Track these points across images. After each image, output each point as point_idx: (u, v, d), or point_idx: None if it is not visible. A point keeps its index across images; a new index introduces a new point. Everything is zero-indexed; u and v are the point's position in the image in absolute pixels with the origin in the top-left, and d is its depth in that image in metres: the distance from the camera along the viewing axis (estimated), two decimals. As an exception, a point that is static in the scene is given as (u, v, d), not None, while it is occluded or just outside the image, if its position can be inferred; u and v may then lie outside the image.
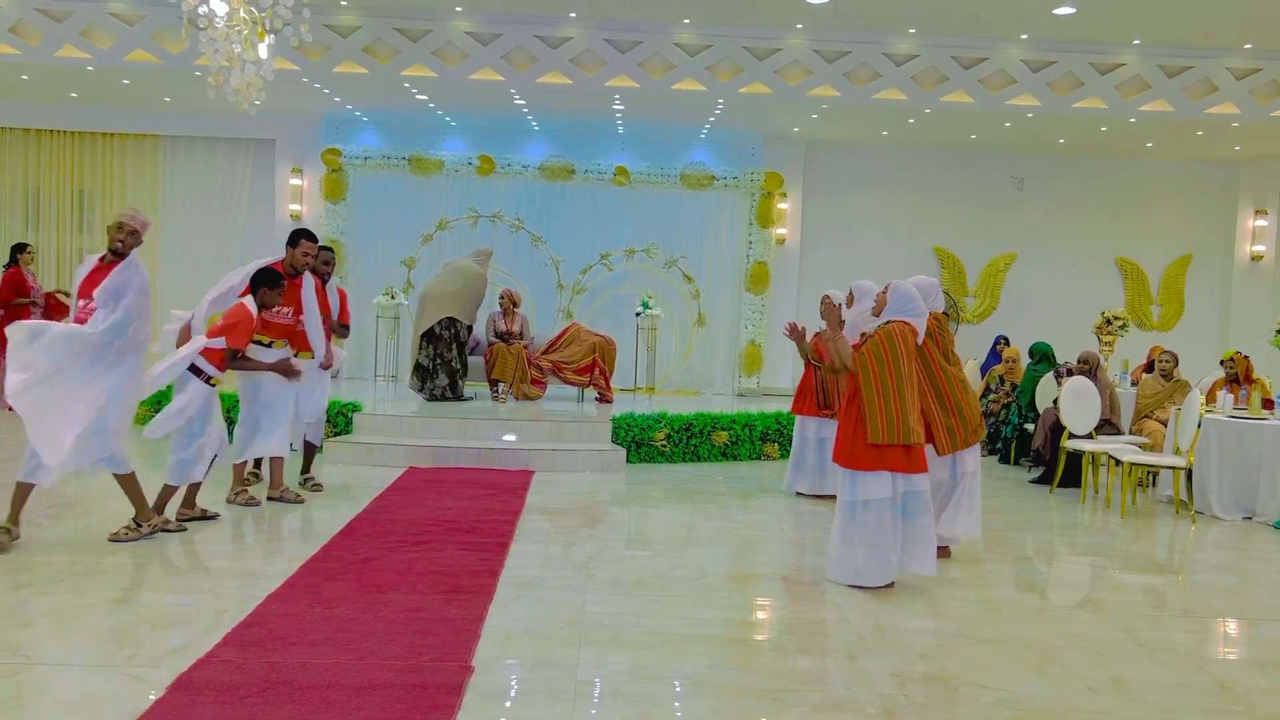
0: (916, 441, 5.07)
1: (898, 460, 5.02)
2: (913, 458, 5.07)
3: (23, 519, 5.36)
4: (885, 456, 5.01)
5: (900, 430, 4.98)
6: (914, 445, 5.06)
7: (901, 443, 4.99)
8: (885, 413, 4.99)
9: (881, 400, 5.00)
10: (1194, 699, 3.87)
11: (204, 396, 5.76)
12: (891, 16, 9.67)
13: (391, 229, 12.39)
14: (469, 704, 3.51)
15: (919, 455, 5.12)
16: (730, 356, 12.83)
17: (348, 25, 10.01)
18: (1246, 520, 7.48)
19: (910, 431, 5.01)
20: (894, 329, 5.11)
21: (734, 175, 12.39)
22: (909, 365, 5.11)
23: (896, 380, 5.03)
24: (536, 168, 12.25)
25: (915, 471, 5.09)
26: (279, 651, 3.89)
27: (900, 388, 5.03)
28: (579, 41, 10.16)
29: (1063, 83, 10.42)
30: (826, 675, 3.97)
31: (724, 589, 5.29)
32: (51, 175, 12.45)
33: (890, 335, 5.09)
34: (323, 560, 5.27)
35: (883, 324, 5.23)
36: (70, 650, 3.87)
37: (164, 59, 9.97)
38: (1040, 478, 8.78)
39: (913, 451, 5.07)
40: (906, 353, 5.10)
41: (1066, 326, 12.20)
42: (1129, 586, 5.66)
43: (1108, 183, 13.09)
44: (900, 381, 5.04)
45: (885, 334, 5.11)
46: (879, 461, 5.01)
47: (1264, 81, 10.30)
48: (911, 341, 5.16)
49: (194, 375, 5.75)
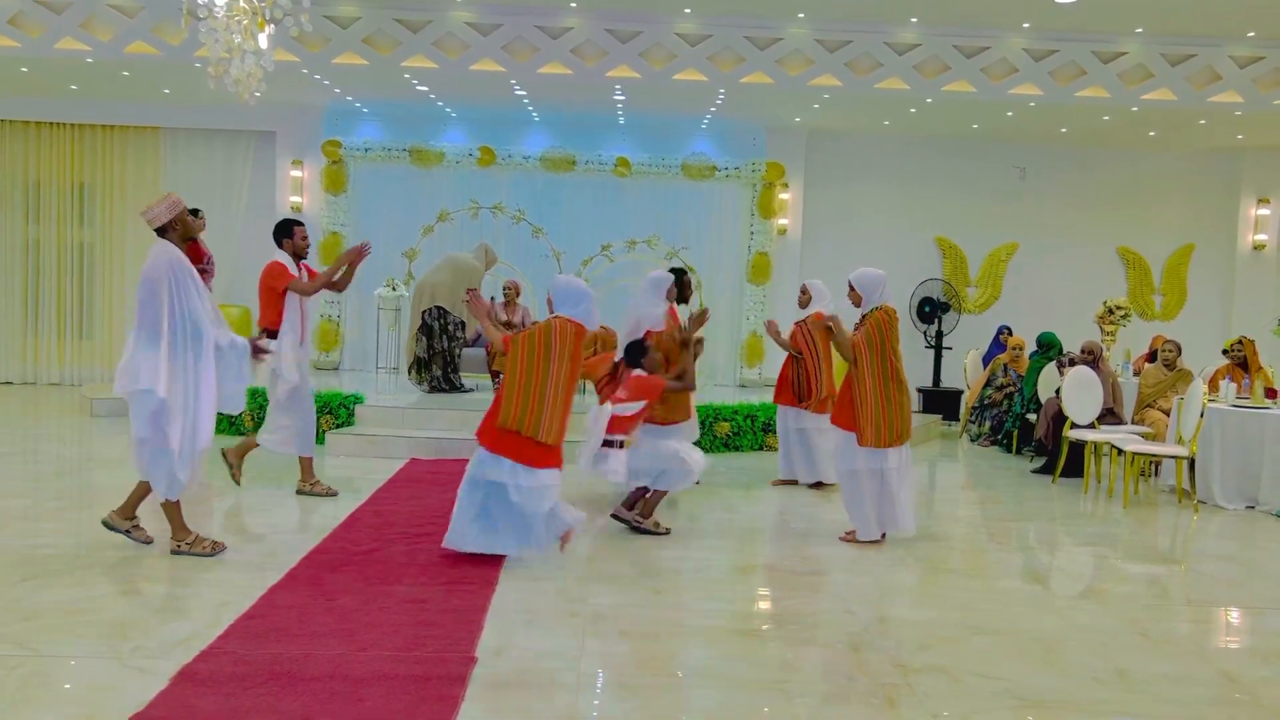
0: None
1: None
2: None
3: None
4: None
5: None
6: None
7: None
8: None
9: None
10: (1197, 689, 3.87)
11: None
12: (893, 6, 9.63)
13: (392, 221, 12.37)
14: (472, 695, 3.52)
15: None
16: (732, 347, 12.82)
17: (348, 16, 9.98)
18: (1249, 509, 7.48)
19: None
20: (880, 316, 5.71)
21: (735, 166, 12.36)
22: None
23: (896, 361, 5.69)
24: (537, 159, 12.22)
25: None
26: (282, 643, 3.90)
27: (898, 369, 5.67)
28: (580, 32, 10.13)
29: (1065, 72, 10.39)
30: (830, 666, 3.97)
31: (727, 580, 5.30)
32: (52, 168, 12.42)
33: (879, 322, 5.68)
34: (325, 552, 5.27)
35: (873, 311, 5.76)
36: (74, 642, 3.87)
37: (164, 50, 9.94)
38: (1043, 468, 8.78)
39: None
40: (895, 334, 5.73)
41: (1069, 316, 12.18)
42: (1132, 576, 5.66)
43: (1110, 172, 13.06)
44: (898, 362, 5.69)
45: (874, 321, 5.66)
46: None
47: (1267, 70, 10.26)
48: (894, 324, 5.76)
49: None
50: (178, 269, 4.87)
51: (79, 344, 12.56)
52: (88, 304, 12.54)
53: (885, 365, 5.71)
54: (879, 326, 5.72)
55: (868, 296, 5.83)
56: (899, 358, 5.78)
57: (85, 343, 12.56)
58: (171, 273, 4.85)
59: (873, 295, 5.82)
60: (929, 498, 8.10)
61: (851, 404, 5.76)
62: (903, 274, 12.64)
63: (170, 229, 4.97)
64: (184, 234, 5.03)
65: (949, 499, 8.12)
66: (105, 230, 12.47)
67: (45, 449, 8.55)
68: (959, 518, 7.21)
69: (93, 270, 12.51)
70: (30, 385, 12.34)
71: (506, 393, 5.00)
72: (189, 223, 5.07)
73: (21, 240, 12.42)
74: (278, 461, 7.30)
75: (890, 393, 5.71)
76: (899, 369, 5.73)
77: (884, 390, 5.70)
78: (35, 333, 12.49)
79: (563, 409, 5.06)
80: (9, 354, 12.47)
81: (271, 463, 7.32)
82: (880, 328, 5.72)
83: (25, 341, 12.49)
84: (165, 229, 4.95)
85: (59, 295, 12.45)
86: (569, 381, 5.08)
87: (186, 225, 5.04)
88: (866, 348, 5.71)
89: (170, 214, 4.96)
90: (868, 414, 5.69)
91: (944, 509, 7.60)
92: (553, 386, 4.99)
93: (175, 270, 4.86)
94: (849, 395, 5.79)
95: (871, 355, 5.71)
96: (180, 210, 5.01)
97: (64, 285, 12.47)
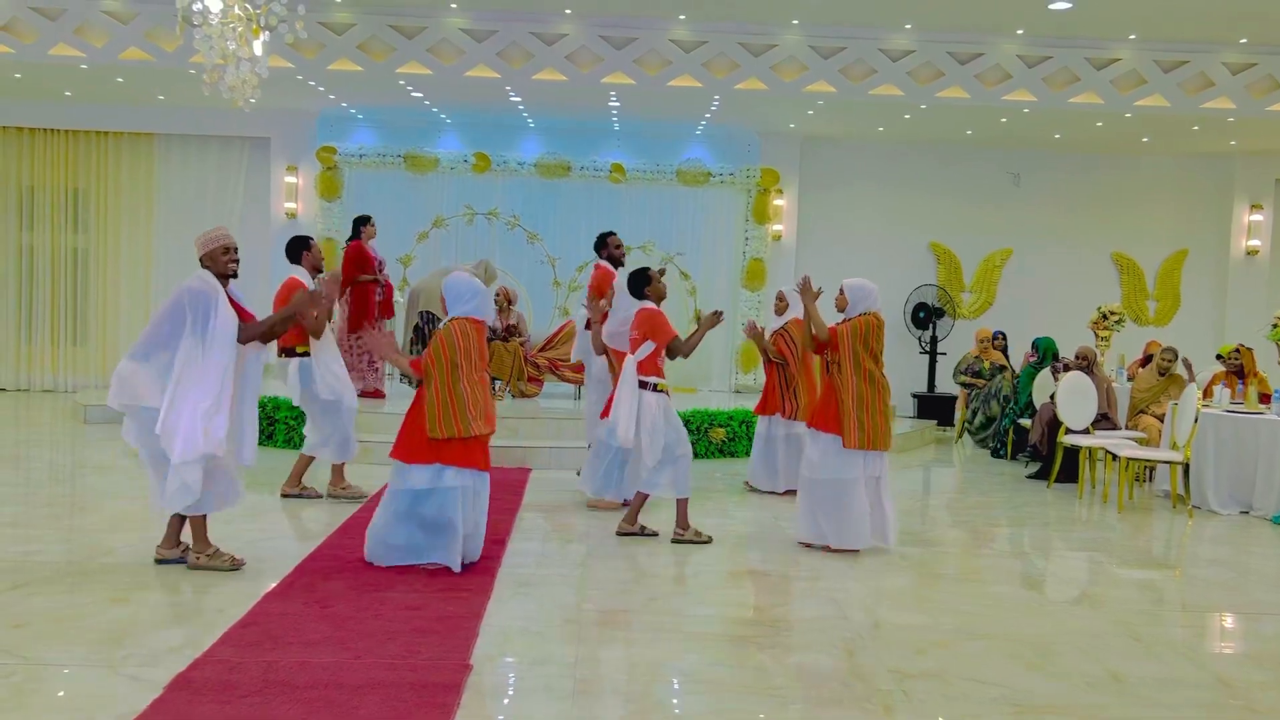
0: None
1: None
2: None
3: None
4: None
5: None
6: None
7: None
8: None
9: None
10: (1192, 694, 3.87)
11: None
12: (887, 12, 9.65)
13: (387, 227, 12.29)
14: (467, 702, 3.51)
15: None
16: (727, 353, 12.81)
17: (342, 22, 9.98)
18: (1244, 514, 7.49)
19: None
20: (870, 320, 5.82)
21: (730, 172, 12.38)
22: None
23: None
24: (532, 165, 12.23)
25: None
26: (277, 650, 3.88)
27: (879, 375, 5.84)
28: (574, 38, 10.14)
29: (1058, 78, 10.42)
30: (825, 672, 3.97)
31: (722, 586, 5.30)
32: (46, 174, 12.38)
33: (867, 324, 5.81)
34: (320, 559, 5.26)
35: (857, 316, 5.87)
36: (67, 650, 3.86)
37: (158, 57, 9.93)
38: (1037, 473, 8.79)
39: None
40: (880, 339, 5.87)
41: (1063, 322, 12.19)
42: (1126, 581, 5.66)
43: (1104, 178, 13.09)
44: (879, 368, 5.86)
45: (863, 323, 5.79)
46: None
47: (1260, 76, 10.30)
48: (882, 330, 5.89)
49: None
50: (207, 295, 4.81)
51: (72, 350, 12.51)
52: (81, 310, 12.49)
53: (869, 369, 5.80)
54: (866, 327, 5.81)
55: (854, 303, 5.92)
56: (881, 365, 5.87)
57: (79, 349, 12.52)
58: (199, 299, 4.79)
59: (860, 304, 5.92)
60: (923, 503, 8.10)
61: (834, 407, 5.81)
62: (897, 280, 12.67)
63: (207, 261, 4.93)
64: (218, 270, 4.94)
65: (943, 504, 8.12)
66: (99, 236, 12.43)
67: (37, 455, 8.53)
68: (953, 523, 7.21)
69: (86, 276, 12.46)
70: (23, 392, 12.30)
71: (429, 407, 5.01)
72: (219, 260, 4.95)
73: (15, 246, 12.38)
74: (275, 467, 7.29)
75: (869, 397, 5.77)
76: (880, 375, 5.83)
77: (867, 393, 5.77)
78: (29, 339, 12.44)
79: (484, 399, 5.14)
80: (2, 360, 12.41)
81: (264, 469, 7.28)
82: (868, 329, 5.81)
83: (18, 348, 12.44)
84: (203, 260, 4.94)
85: (53, 301, 12.40)
86: (480, 375, 5.16)
87: (216, 261, 4.94)
88: (850, 340, 5.79)
89: (205, 248, 4.93)
90: (850, 415, 5.75)
91: (938, 514, 7.61)
92: (466, 384, 5.05)
93: (204, 296, 4.80)
94: (832, 399, 5.85)
95: (854, 350, 5.78)
96: (211, 247, 4.94)
97: (58, 291, 12.41)
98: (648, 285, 6.06)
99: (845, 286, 5.94)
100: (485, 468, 5.15)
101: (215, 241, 4.95)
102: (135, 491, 6.96)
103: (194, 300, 4.80)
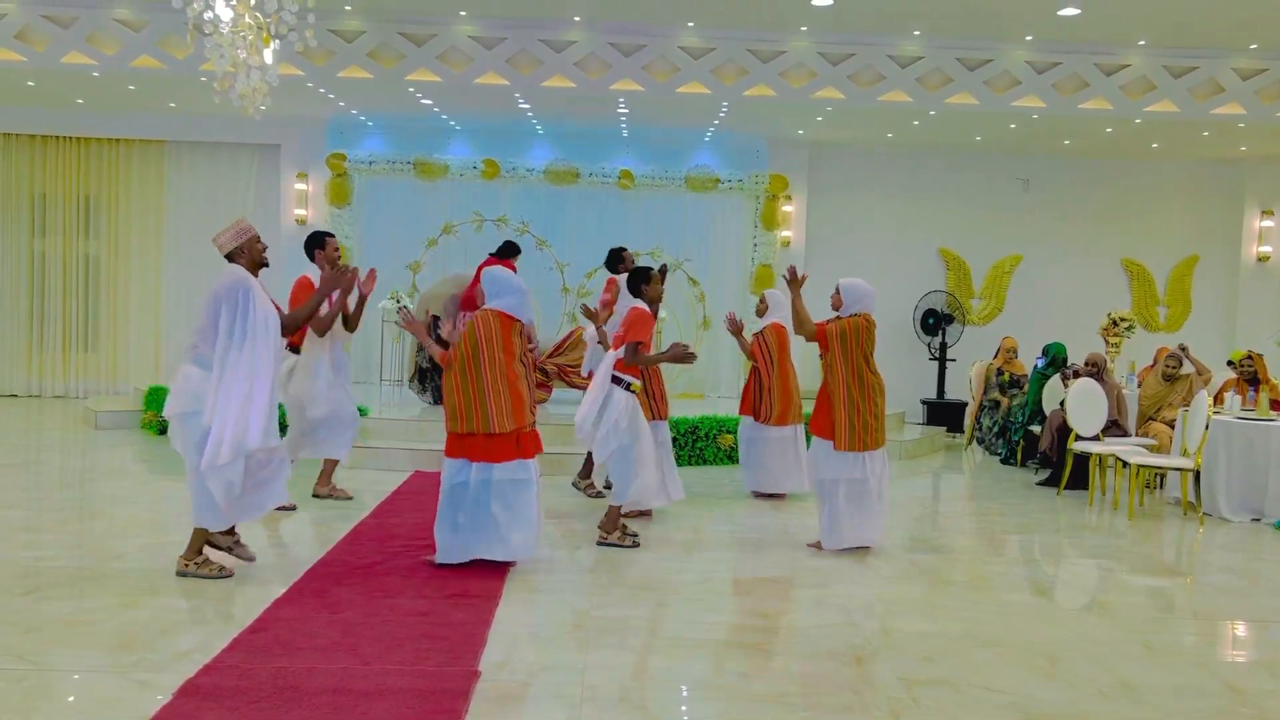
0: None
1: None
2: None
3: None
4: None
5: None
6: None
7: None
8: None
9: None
10: (1203, 702, 3.85)
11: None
12: (896, 18, 9.65)
13: (397, 233, 12.39)
14: (476, 709, 3.51)
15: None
16: (736, 359, 12.79)
17: (352, 30, 10.02)
18: (1255, 522, 7.45)
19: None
20: (860, 321, 5.80)
21: (738, 178, 12.38)
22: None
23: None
24: (541, 171, 12.25)
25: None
26: (286, 656, 3.89)
27: (870, 375, 5.82)
28: (583, 45, 10.17)
29: (1068, 84, 10.40)
30: (833, 679, 3.96)
31: (730, 592, 5.29)
32: (58, 181, 12.46)
33: (857, 325, 5.78)
34: (329, 565, 5.27)
35: (849, 316, 5.85)
36: (77, 656, 3.87)
37: (169, 65, 9.98)
38: (1047, 480, 8.76)
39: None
40: (870, 341, 5.85)
41: (1073, 328, 12.16)
42: (1137, 589, 5.64)
43: (1113, 184, 13.06)
44: (871, 368, 5.85)
45: (852, 324, 5.78)
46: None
47: (1270, 81, 10.27)
48: (872, 331, 5.87)
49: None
50: (241, 290, 4.74)
51: (84, 357, 12.57)
52: (92, 317, 12.56)
53: (859, 370, 5.81)
54: (856, 329, 5.82)
55: (849, 303, 5.92)
56: (873, 365, 5.89)
57: (90, 355, 12.58)
58: (234, 294, 4.73)
59: (854, 304, 5.92)
60: (933, 509, 8.09)
61: (827, 411, 5.86)
62: (906, 286, 12.65)
63: (238, 255, 4.87)
64: (252, 260, 4.90)
65: (953, 511, 8.10)
66: (110, 243, 12.50)
67: (48, 461, 8.57)
68: (963, 530, 7.19)
69: (98, 283, 12.53)
70: (35, 398, 12.36)
71: (448, 399, 5.13)
72: (255, 249, 4.92)
73: (27, 253, 12.46)
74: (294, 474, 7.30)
75: (859, 397, 5.79)
76: (871, 375, 5.84)
77: (856, 394, 5.80)
78: (40, 346, 12.51)
79: (509, 395, 5.13)
80: (14, 367, 12.49)
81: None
82: (858, 330, 5.82)
83: (30, 354, 12.51)
84: (233, 255, 4.87)
85: (64, 308, 12.48)
86: (507, 369, 5.15)
87: (252, 251, 4.90)
88: (839, 341, 5.80)
89: (236, 241, 4.87)
90: (840, 417, 5.79)
91: (948, 521, 7.59)
92: (489, 376, 5.08)
93: (239, 291, 4.73)
94: (825, 402, 5.90)
95: (844, 351, 5.80)
96: (247, 237, 4.89)
97: (69, 298, 12.49)
98: (645, 283, 6.09)
99: (841, 286, 5.93)
100: (509, 458, 5.13)
101: (246, 233, 4.92)
102: (146, 497, 7.00)
103: (230, 297, 4.73)
